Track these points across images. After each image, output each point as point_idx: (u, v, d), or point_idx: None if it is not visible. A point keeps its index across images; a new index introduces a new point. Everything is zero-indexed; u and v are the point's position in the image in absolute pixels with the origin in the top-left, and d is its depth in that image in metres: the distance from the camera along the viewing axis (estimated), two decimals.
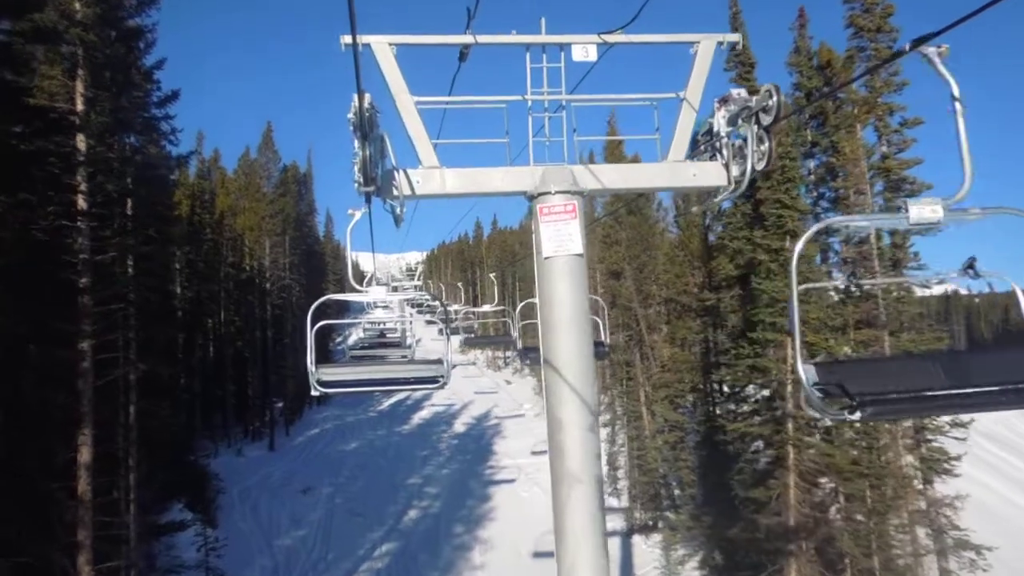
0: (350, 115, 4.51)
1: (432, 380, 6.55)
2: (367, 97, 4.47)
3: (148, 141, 21.23)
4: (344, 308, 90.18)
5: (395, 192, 5.15)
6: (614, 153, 37.28)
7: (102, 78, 17.93)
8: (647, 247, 38.50)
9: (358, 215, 6.59)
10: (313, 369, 6.39)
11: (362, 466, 44.70)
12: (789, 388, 18.40)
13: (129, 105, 19.39)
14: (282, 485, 39.74)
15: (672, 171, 5.49)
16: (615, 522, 38.82)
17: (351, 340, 37.49)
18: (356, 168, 4.81)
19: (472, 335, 29.32)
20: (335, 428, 54.10)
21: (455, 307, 31.47)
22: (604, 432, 50.71)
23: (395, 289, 24.16)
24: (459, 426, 56.56)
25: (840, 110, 20.97)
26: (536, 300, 5.22)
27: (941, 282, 19.13)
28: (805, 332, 21.42)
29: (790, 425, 18.47)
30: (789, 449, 18.28)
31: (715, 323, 33.73)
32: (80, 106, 17.35)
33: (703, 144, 5.49)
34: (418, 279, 40.77)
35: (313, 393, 6.60)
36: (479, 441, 52.32)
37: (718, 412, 33.62)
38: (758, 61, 23.00)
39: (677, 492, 37.80)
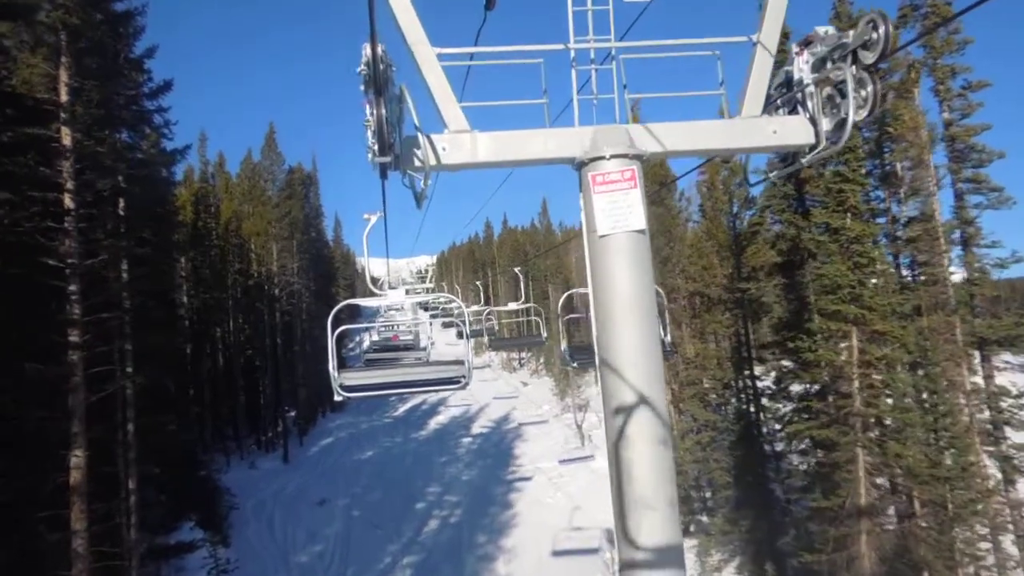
0: (361, 67, 3.86)
1: (453, 381, 6.47)
2: (380, 48, 3.75)
3: (140, 135, 19.69)
4: (356, 314, 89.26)
5: (417, 162, 4.25)
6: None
7: (88, 66, 16.43)
8: (670, 239, 36.80)
9: (374, 219, 6.68)
10: (336, 374, 6.20)
11: (379, 475, 43.17)
12: (856, 383, 16.52)
13: (118, 96, 17.89)
14: (297, 498, 38.25)
15: (747, 129, 4.58)
16: None
17: (365, 345, 36.76)
18: (369, 134, 4.01)
19: (493, 336, 27.83)
20: (350, 436, 52.59)
21: (474, 308, 30.27)
22: None
23: (409, 292, 24.59)
24: (477, 430, 54.92)
25: (889, 77, 19.20)
26: (581, 290, 4.68)
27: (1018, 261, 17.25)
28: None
29: (859, 424, 16.60)
30: (859, 451, 16.41)
31: (746, 315, 32.05)
32: (64, 96, 15.84)
33: (777, 98, 4.75)
34: (430, 281, 39.76)
35: (336, 398, 6.48)
36: (499, 445, 50.68)
37: (752, 409, 31.94)
38: (792, 30, 21.32)
39: (709, 495, 36.13)
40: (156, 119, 19.81)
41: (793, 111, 4.67)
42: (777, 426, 32.19)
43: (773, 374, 22.63)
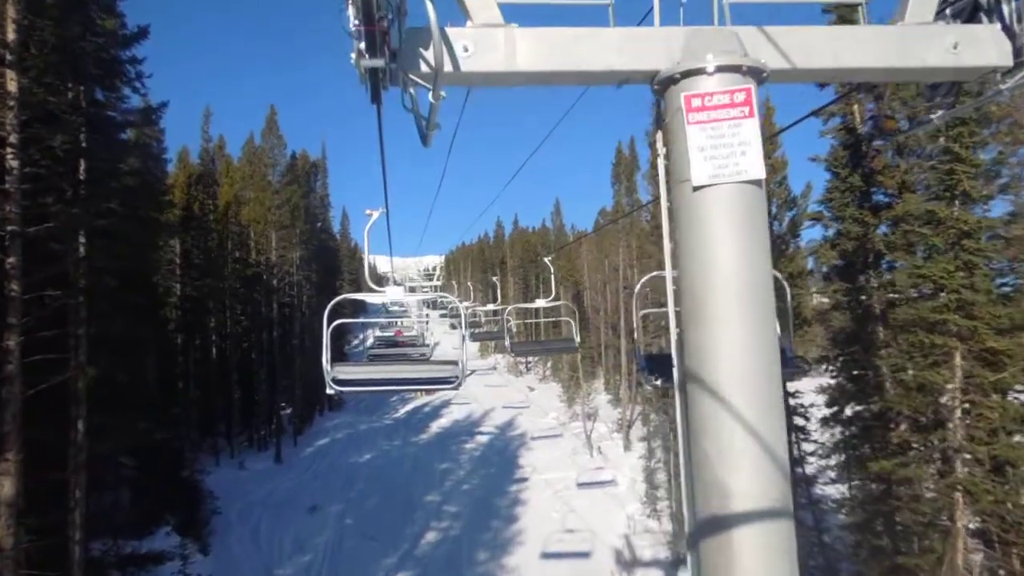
0: None
1: (446, 381, 6.33)
2: None
3: (109, 89, 17.19)
4: (361, 310, 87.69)
5: (425, 66, 2.72)
6: None
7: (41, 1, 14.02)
8: None
9: (375, 215, 6.67)
10: (328, 368, 5.99)
11: (376, 480, 40.64)
12: (958, 413, 13.57)
13: (84, 42, 15.46)
14: (287, 502, 35.75)
15: (915, 41, 3.05)
16: (659, 550, 34.53)
17: (369, 342, 35.06)
18: (351, 17, 2.46)
19: (512, 339, 25.14)
20: (347, 437, 50.06)
21: (490, 307, 27.52)
22: (640, 447, 46.45)
23: (412, 290, 23.20)
24: (481, 436, 52.25)
25: None
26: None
27: None
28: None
29: (958, 464, 13.67)
30: (958, 497, 13.51)
31: (783, 325, 29.25)
32: (11, 35, 13.40)
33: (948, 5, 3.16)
34: (438, 279, 38.11)
35: (328, 391, 6.13)
36: (503, 453, 48.04)
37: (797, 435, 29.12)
38: None
39: None
40: (128, 71, 17.34)
41: (972, 18, 3.20)
42: (808, 447, 29.60)
43: (832, 393, 19.57)
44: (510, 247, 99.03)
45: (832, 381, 19.43)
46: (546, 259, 18.44)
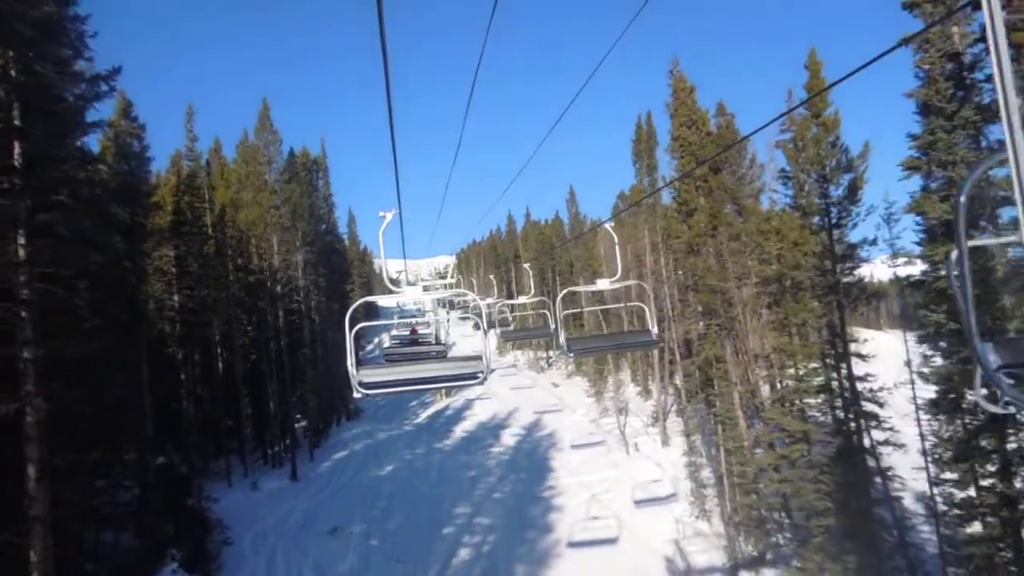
0: None
1: (471, 376, 6.33)
2: None
3: (46, 55, 14.13)
4: (375, 314, 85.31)
5: None
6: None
7: None
8: (741, 211, 30.98)
9: (389, 216, 6.60)
10: (354, 371, 6.01)
11: (400, 495, 37.69)
12: None
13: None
14: (305, 526, 32.84)
15: None
16: (713, 556, 31.41)
17: (384, 346, 32.76)
18: None
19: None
20: (366, 448, 47.06)
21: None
22: (679, 441, 43.30)
23: (426, 289, 21.36)
24: (508, 439, 49.18)
25: None
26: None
27: None
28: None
29: None
30: None
31: (841, 303, 26.14)
32: None
33: None
34: (451, 277, 35.83)
35: (355, 395, 6.16)
36: (532, 456, 44.99)
37: (851, 416, 26.15)
38: None
39: (789, 519, 30.32)
40: (69, 30, 14.23)
41: None
42: (878, 435, 26.45)
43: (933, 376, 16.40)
44: (523, 241, 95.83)
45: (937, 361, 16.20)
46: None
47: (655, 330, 9.04)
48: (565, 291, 9.53)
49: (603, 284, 9.25)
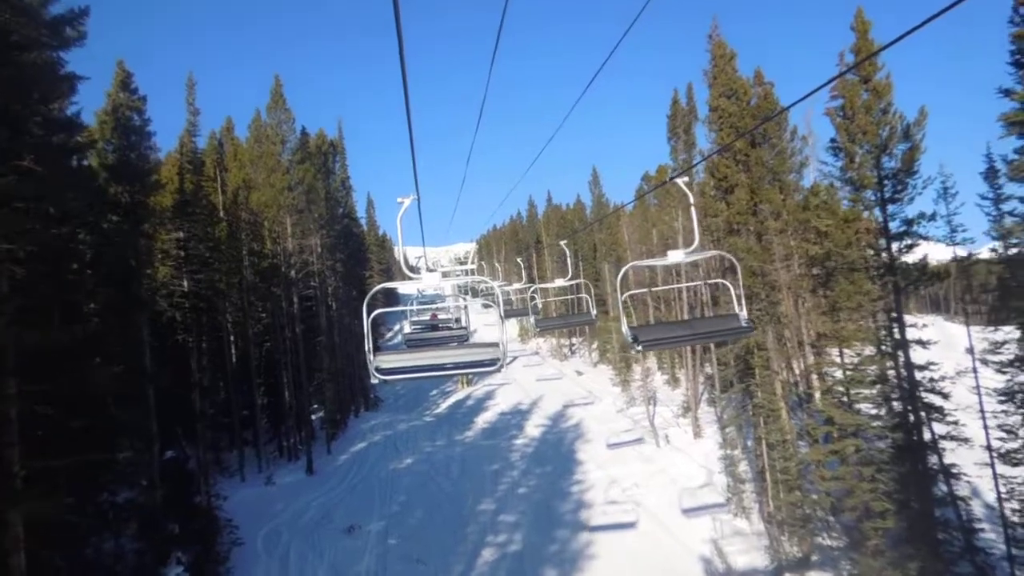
0: None
1: (489, 363, 6.24)
2: None
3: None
4: (394, 301, 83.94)
5: None
6: None
7: None
8: (782, 187, 28.60)
9: (407, 202, 6.60)
10: (372, 357, 6.09)
11: (420, 489, 35.98)
12: None
13: None
14: (320, 523, 31.20)
15: None
16: (754, 556, 29.33)
17: (401, 336, 31.56)
18: None
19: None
20: (385, 440, 45.40)
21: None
22: (711, 432, 41.20)
23: (446, 275, 20.42)
24: (531, 430, 47.26)
25: None
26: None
27: None
28: None
29: None
30: None
31: (898, 284, 23.83)
32: None
33: None
34: (471, 263, 34.52)
35: (373, 381, 6.17)
36: (558, 448, 43.05)
37: (909, 408, 23.87)
38: None
39: (833, 518, 28.13)
40: None
41: None
42: (939, 429, 24.22)
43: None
44: (544, 225, 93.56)
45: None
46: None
47: (744, 314, 6.98)
48: (628, 265, 7.46)
49: (676, 256, 7.14)
